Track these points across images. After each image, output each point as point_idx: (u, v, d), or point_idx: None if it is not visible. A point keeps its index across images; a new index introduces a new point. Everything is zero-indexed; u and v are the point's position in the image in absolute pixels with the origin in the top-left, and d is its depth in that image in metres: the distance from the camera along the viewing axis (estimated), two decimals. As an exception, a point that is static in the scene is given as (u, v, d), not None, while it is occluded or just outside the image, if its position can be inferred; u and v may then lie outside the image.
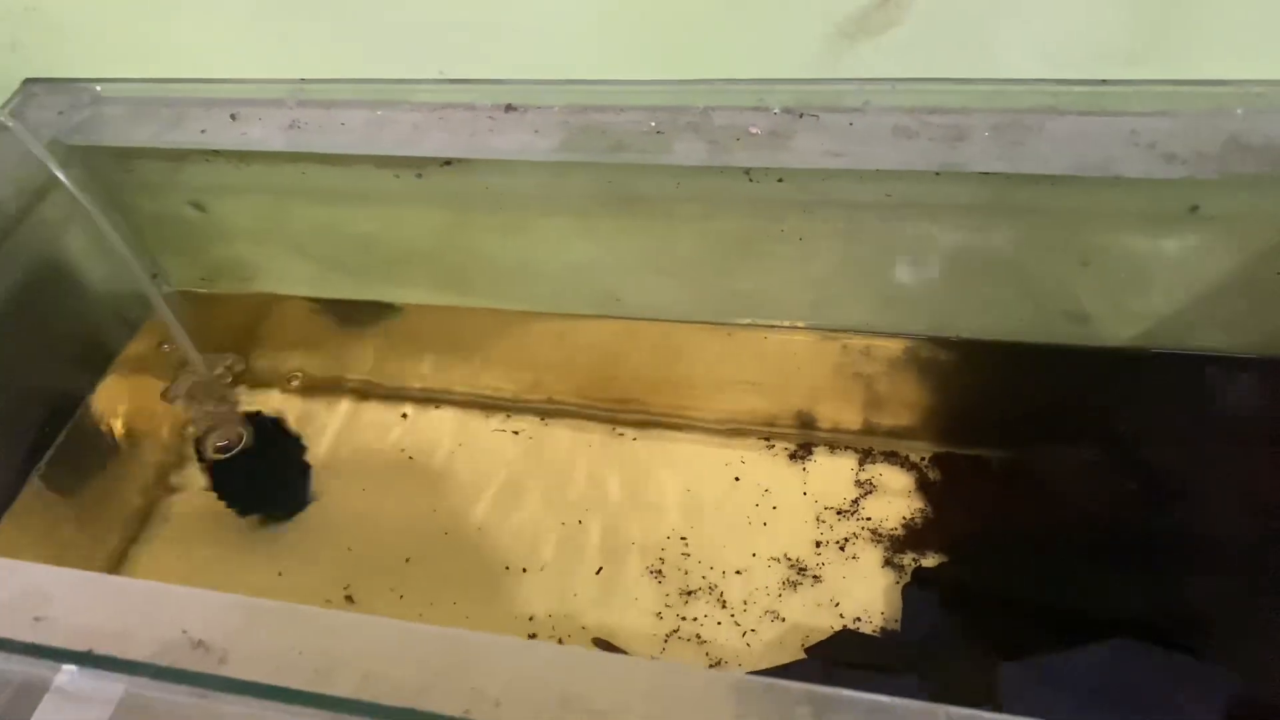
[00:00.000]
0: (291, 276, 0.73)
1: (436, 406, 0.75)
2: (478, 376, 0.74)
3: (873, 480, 0.67)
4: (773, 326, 0.66)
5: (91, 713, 0.36)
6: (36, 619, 0.39)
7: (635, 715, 0.33)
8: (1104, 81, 0.49)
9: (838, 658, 0.59)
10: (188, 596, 0.39)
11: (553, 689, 0.34)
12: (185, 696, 0.37)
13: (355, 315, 0.75)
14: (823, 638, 0.60)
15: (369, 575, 0.65)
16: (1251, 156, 0.46)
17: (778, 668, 0.58)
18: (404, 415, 0.74)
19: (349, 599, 0.64)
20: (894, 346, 0.66)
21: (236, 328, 0.76)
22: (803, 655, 0.59)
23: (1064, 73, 0.49)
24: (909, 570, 0.63)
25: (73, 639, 0.38)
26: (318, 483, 0.70)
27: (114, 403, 0.74)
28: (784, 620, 0.61)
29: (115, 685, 0.37)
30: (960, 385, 0.66)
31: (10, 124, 0.60)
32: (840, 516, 0.65)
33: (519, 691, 0.34)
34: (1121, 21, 0.48)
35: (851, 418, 0.69)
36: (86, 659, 0.37)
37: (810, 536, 0.65)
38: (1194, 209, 0.52)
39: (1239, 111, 0.48)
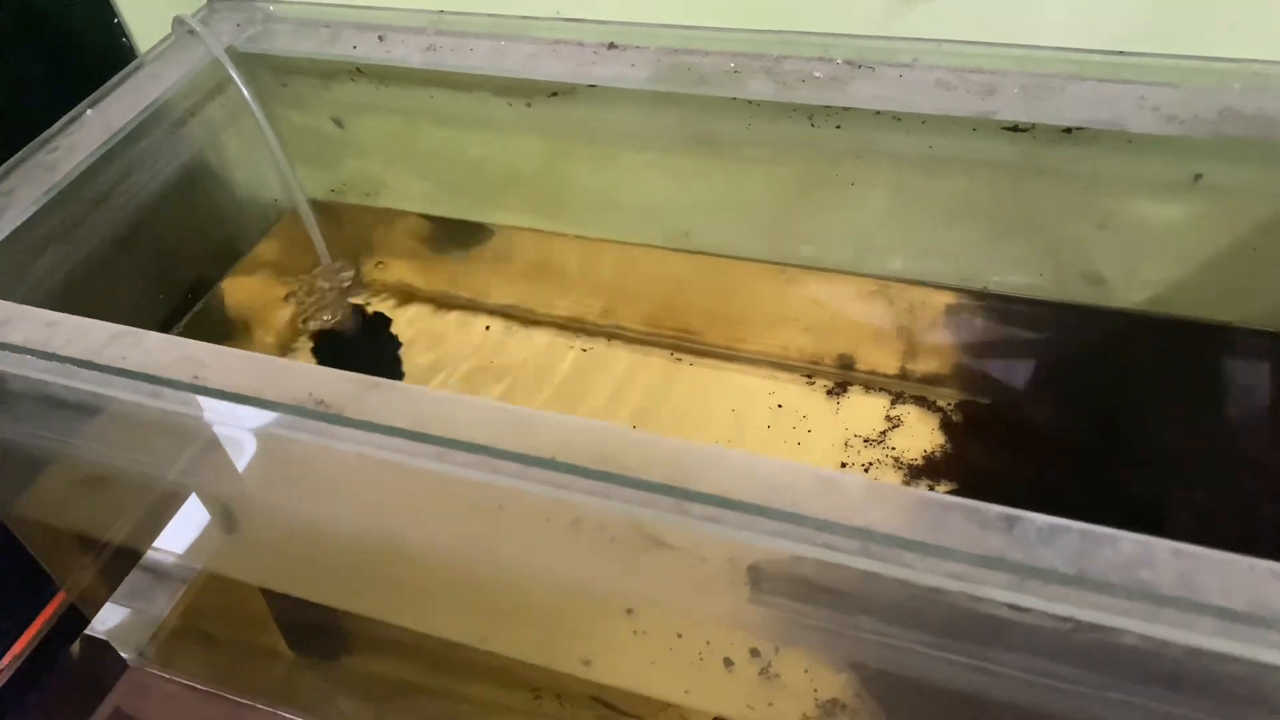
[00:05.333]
0: (410, 194, 0.83)
1: (519, 323, 0.85)
2: (555, 298, 0.84)
3: (901, 417, 0.74)
4: (823, 270, 0.74)
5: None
6: (195, 377, 0.49)
7: (658, 473, 0.41)
8: (1121, 53, 0.57)
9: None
10: (314, 371, 0.48)
11: (592, 450, 0.43)
12: (308, 435, 0.47)
13: (456, 234, 0.85)
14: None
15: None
16: (1243, 123, 0.54)
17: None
18: (486, 327, 0.85)
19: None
20: (930, 297, 0.73)
21: (356, 236, 0.87)
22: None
23: (1087, 44, 0.57)
24: (922, 495, 0.70)
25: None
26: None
27: (242, 286, 0.85)
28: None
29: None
30: (987, 339, 0.73)
31: (199, 29, 0.72)
32: (867, 444, 0.73)
33: (566, 449, 0.43)
34: (1142, 2, 0.56)
35: (888, 362, 0.76)
36: (233, 398, 0.47)
37: (838, 459, 0.73)
38: (1197, 178, 0.59)
39: (1237, 86, 0.55)
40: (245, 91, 0.72)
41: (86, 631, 0.80)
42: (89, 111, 0.68)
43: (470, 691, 0.69)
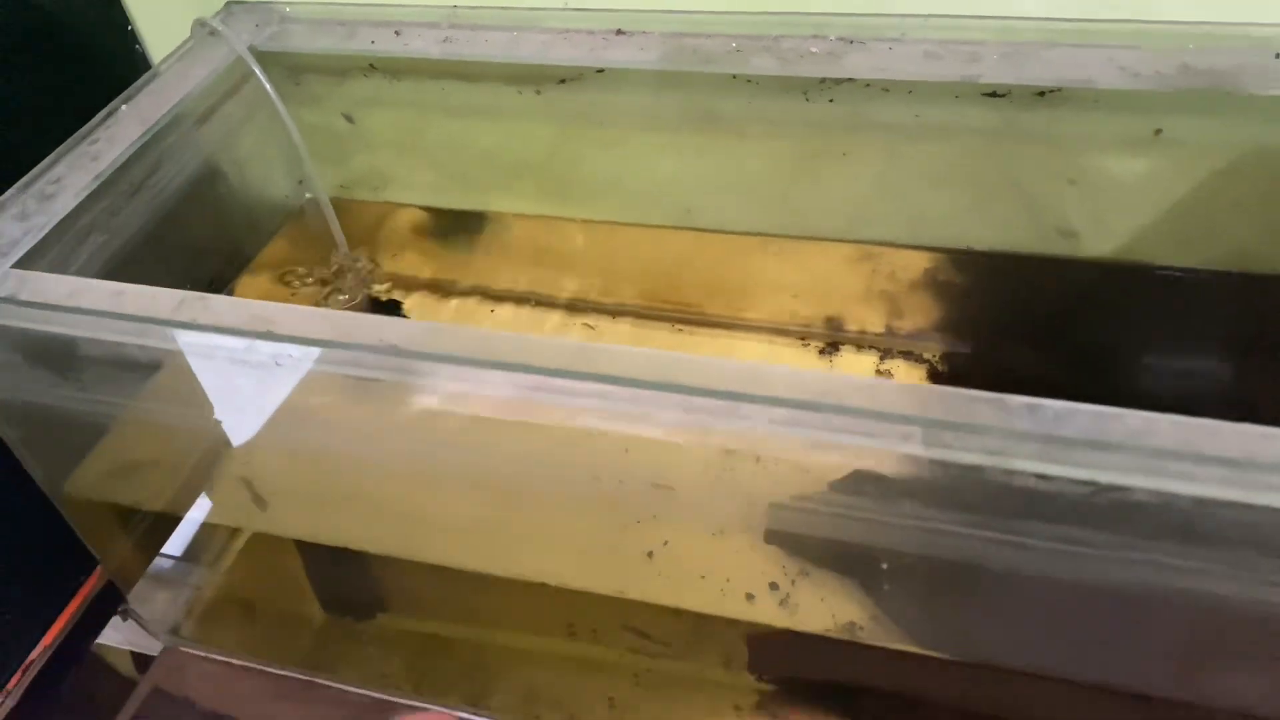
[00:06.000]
0: (420, 186, 0.87)
1: (526, 306, 0.89)
2: (561, 280, 0.89)
3: (890, 370, 0.80)
4: (815, 239, 0.80)
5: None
6: (268, 330, 0.53)
7: (715, 384, 0.46)
8: (1090, 20, 0.63)
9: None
10: (385, 321, 0.52)
11: (652, 368, 0.48)
12: (383, 372, 0.51)
13: (464, 223, 0.90)
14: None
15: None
16: (1197, 76, 0.61)
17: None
18: (491, 311, 0.89)
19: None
20: (916, 258, 0.79)
21: (366, 229, 0.92)
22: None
23: (1060, 14, 0.64)
24: (916, 440, 0.75)
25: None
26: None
27: (262, 279, 0.89)
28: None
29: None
30: (967, 293, 0.79)
31: (221, 28, 0.76)
32: (862, 399, 0.78)
33: (627, 372, 0.48)
34: (1105, -25, 0.63)
35: (875, 321, 0.82)
36: (311, 343, 0.51)
37: (835, 412, 0.78)
38: (1158, 132, 0.66)
39: (1191, 46, 0.62)
40: (269, 89, 0.76)
41: (120, 611, 0.82)
42: (124, 107, 0.71)
43: (506, 640, 0.73)
